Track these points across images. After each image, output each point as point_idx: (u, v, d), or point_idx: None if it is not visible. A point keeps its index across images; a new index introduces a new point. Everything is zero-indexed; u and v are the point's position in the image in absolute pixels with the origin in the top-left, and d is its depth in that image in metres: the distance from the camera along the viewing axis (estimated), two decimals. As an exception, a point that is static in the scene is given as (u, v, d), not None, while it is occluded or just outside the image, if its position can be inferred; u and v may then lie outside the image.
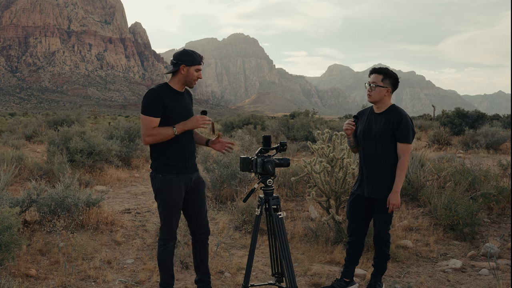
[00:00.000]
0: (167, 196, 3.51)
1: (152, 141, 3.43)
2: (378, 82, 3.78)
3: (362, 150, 3.92)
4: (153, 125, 3.41)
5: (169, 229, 3.58)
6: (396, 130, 3.74)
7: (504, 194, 6.44)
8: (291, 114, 32.00)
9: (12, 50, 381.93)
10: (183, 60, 3.45)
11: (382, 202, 3.81)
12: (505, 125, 23.63)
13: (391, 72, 3.82)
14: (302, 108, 33.11)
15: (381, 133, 3.77)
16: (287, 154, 13.80)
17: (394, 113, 3.79)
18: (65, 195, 5.67)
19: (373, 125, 3.83)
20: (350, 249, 4.08)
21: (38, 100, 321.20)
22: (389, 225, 3.92)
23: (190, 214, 3.69)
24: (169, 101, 3.44)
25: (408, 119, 3.75)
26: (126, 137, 12.22)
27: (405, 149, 3.74)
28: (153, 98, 3.41)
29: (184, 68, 3.46)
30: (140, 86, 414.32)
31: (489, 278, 4.38)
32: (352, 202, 4.02)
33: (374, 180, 3.82)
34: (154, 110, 3.40)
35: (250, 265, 3.47)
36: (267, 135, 3.50)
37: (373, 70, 3.85)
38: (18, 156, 10.07)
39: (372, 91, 3.79)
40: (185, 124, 3.43)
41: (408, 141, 3.74)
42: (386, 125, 3.76)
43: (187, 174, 3.56)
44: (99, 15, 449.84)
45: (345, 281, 4.07)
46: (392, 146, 3.78)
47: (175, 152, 3.49)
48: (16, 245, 4.08)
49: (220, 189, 7.54)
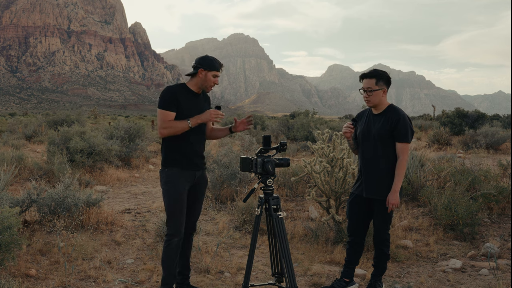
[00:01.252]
0: (172, 189, 3.63)
1: (167, 133, 3.60)
2: (373, 86, 3.79)
3: (361, 151, 3.94)
4: (169, 118, 3.59)
5: (174, 223, 3.64)
6: (394, 129, 3.74)
7: (504, 194, 6.44)
8: (291, 114, 32.01)
9: (12, 50, 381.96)
10: (202, 64, 3.62)
11: (381, 202, 3.81)
12: (505, 125, 23.64)
13: (381, 72, 3.84)
14: (302, 108, 33.12)
15: (380, 134, 3.78)
16: (287, 154, 13.80)
17: (392, 113, 3.80)
18: (65, 195, 5.67)
19: (372, 126, 3.85)
20: (350, 249, 4.08)
21: (38, 100, 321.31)
22: (388, 225, 3.92)
23: (188, 209, 3.79)
24: (184, 99, 3.62)
25: (406, 119, 3.76)
26: (126, 137, 12.22)
27: (404, 149, 3.75)
28: (169, 94, 3.60)
29: (202, 72, 3.63)
30: (140, 86, 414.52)
31: (489, 278, 4.38)
32: (352, 202, 4.02)
33: (374, 181, 3.83)
34: (169, 105, 3.57)
35: (250, 265, 3.47)
36: (267, 135, 3.51)
37: (364, 76, 3.86)
38: (18, 156, 10.07)
39: (369, 96, 3.80)
40: (199, 117, 3.59)
41: (407, 140, 3.75)
42: (384, 125, 3.77)
43: (192, 170, 3.69)
44: (99, 15, 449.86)
45: (345, 281, 4.06)
46: (391, 146, 3.78)
47: (182, 149, 3.66)
48: (16, 245, 4.08)
49: (220, 189, 7.54)
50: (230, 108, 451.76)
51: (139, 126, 13.01)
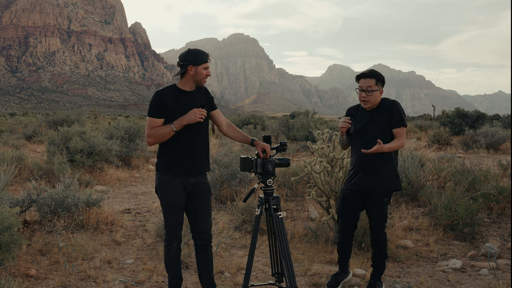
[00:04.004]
0: (163, 196, 3.52)
1: (152, 141, 3.45)
2: (373, 86, 3.84)
3: (355, 147, 3.96)
4: (154, 125, 3.42)
5: (169, 229, 3.57)
6: (390, 117, 3.83)
7: (504, 194, 6.44)
8: (291, 114, 32.00)
9: (12, 50, 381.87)
10: (189, 61, 3.42)
11: (379, 193, 3.85)
12: (505, 125, 23.62)
13: (379, 73, 3.92)
14: (302, 108, 33.12)
15: (379, 127, 3.84)
16: (287, 154, 13.80)
17: (384, 104, 3.89)
18: (65, 195, 5.67)
19: (365, 122, 3.90)
20: (341, 248, 4.17)
21: (38, 100, 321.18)
22: (384, 223, 3.97)
23: (190, 218, 3.63)
24: (172, 102, 3.42)
25: (398, 104, 3.87)
26: (126, 137, 12.22)
27: (402, 133, 3.84)
28: (155, 99, 3.44)
29: (192, 68, 3.43)
30: (140, 86, 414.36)
31: (489, 278, 4.38)
32: (345, 200, 4.05)
33: (373, 173, 3.87)
34: (156, 111, 3.42)
35: (250, 265, 3.47)
36: (267, 135, 3.50)
37: (363, 75, 3.89)
38: (18, 156, 10.07)
39: (368, 96, 3.83)
40: (183, 119, 3.38)
41: (403, 124, 3.85)
42: (379, 118, 3.85)
43: (185, 176, 3.49)
44: (99, 15, 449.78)
45: (343, 272, 4.19)
46: (388, 137, 3.84)
47: (173, 153, 3.47)
48: (16, 245, 4.08)
49: (220, 189, 7.54)
50: (230, 108, 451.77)
51: (139, 126, 13.02)
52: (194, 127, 3.47)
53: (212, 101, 3.66)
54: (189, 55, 3.44)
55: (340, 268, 4.21)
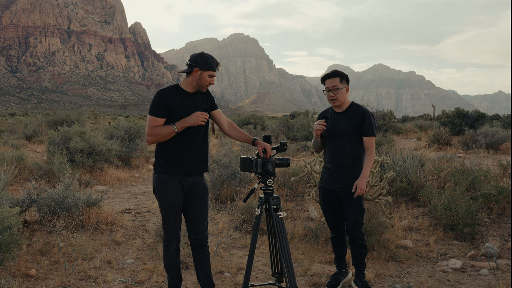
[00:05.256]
0: (161, 196, 3.52)
1: (153, 140, 3.43)
2: (338, 84, 3.93)
3: (329, 149, 4.04)
4: (155, 124, 3.40)
5: (167, 229, 3.58)
6: (361, 125, 3.90)
7: (504, 194, 6.44)
8: (291, 114, 32.00)
9: (12, 50, 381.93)
10: (198, 63, 3.39)
11: (351, 194, 3.89)
12: (505, 125, 23.61)
13: (342, 72, 4.01)
14: (302, 108, 33.13)
15: (347, 132, 3.91)
16: (287, 154, 13.80)
17: (356, 111, 3.96)
18: (65, 195, 5.67)
19: (338, 125, 3.97)
20: (335, 244, 4.22)
21: (38, 100, 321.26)
22: (361, 224, 4.01)
23: (187, 218, 3.63)
24: (175, 102, 3.41)
25: (370, 114, 3.94)
26: (126, 137, 12.23)
27: (371, 142, 3.92)
28: (158, 98, 3.42)
29: (197, 71, 3.40)
30: (140, 86, 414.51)
31: (489, 278, 4.38)
32: (324, 199, 4.11)
33: (344, 176, 3.93)
34: (158, 110, 3.40)
35: (250, 265, 3.47)
36: (268, 135, 3.49)
37: (327, 76, 3.98)
38: (18, 156, 10.07)
39: (336, 95, 3.91)
40: (185, 120, 3.38)
41: (373, 134, 3.92)
42: (351, 122, 3.92)
43: (183, 176, 3.49)
44: (99, 15, 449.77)
45: (342, 272, 4.22)
46: (359, 142, 3.93)
47: (173, 152, 3.46)
48: (16, 245, 4.08)
49: (220, 189, 7.54)
50: (230, 108, 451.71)
51: (139, 126, 13.03)
52: (195, 128, 3.47)
53: (212, 100, 3.65)
54: (199, 58, 3.42)
55: (337, 267, 4.23)
